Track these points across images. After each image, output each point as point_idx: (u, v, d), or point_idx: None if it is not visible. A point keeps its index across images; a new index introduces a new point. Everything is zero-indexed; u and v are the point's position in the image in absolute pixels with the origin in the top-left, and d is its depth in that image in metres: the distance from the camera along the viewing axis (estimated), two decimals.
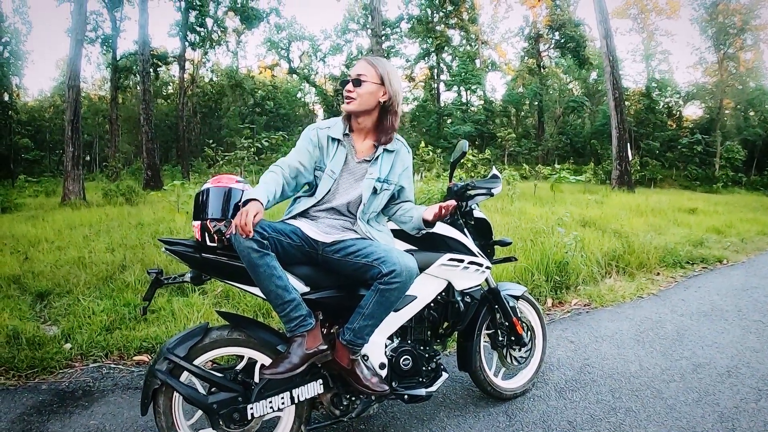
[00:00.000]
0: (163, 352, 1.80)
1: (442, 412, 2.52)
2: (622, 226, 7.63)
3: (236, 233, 1.66)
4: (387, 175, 2.09)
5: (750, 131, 27.30)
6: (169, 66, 32.68)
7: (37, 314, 3.69)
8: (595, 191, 15.23)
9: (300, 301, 1.80)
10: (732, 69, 29.76)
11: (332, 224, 2.03)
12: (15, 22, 30.45)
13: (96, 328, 3.33)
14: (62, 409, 2.49)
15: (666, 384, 2.80)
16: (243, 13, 28.06)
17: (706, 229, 8.40)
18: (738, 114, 29.96)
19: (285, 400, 1.88)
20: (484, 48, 37.56)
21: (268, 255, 1.71)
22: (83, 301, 3.79)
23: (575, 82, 37.78)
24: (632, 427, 2.34)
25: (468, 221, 2.48)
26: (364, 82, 1.98)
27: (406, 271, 1.79)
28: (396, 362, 2.15)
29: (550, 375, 2.94)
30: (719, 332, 3.65)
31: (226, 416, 1.82)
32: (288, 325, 1.79)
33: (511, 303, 2.61)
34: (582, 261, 5.12)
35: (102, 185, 16.18)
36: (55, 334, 3.27)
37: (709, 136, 26.05)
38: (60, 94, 32.30)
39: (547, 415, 2.48)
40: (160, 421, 1.82)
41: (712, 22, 28.89)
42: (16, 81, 31.03)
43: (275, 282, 1.72)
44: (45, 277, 4.36)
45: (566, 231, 5.80)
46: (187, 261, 1.82)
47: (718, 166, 24.95)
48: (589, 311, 4.26)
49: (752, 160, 26.48)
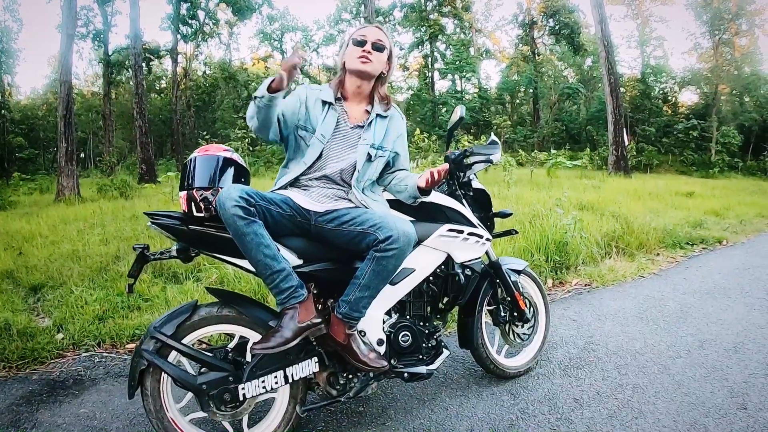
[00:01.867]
0: (150, 332, 1.72)
1: (444, 392, 2.45)
2: (620, 209, 7.56)
3: (222, 198, 1.58)
4: (381, 142, 2.04)
5: (746, 116, 27.12)
6: (161, 60, 32.26)
7: (30, 307, 3.60)
8: (592, 177, 15.14)
9: (291, 272, 1.70)
10: (727, 55, 29.58)
11: (325, 193, 1.95)
12: (5, 20, 30.23)
13: (89, 318, 3.25)
14: (52, 398, 2.42)
15: (672, 360, 2.73)
16: (235, 4, 27.65)
17: (704, 211, 8.35)
18: (733, 99, 29.79)
19: (279, 379, 1.78)
20: (478, 36, 37.30)
21: (255, 223, 1.62)
22: (76, 291, 3.70)
23: (570, 68, 37.50)
24: (640, 404, 2.28)
25: (466, 192, 2.40)
26: (384, 49, 2.02)
27: (404, 237, 1.71)
28: (395, 338, 2.07)
29: (553, 353, 2.88)
30: (723, 309, 3.59)
31: (216, 397, 1.72)
32: (279, 297, 1.69)
33: (512, 278, 2.54)
34: (581, 242, 5.05)
35: (96, 180, 16.01)
36: (47, 326, 3.20)
37: (705, 121, 25.90)
38: (53, 91, 31.91)
39: (553, 392, 2.42)
40: (147, 404, 1.72)
41: (707, 8, 28.66)
42: (8, 79, 30.63)
43: (263, 251, 1.63)
44: (38, 270, 4.27)
45: (565, 212, 5.73)
46: (173, 234, 1.73)
47: (714, 151, 24.83)
48: (590, 291, 4.20)
49: (748, 145, 26.38)
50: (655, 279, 4.51)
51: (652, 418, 2.15)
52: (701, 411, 2.20)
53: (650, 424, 2.10)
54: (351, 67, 2.00)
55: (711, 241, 6.15)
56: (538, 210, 6.43)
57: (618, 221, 6.30)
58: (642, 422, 2.12)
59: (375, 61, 1.98)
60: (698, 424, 2.09)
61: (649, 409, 2.22)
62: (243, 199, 1.60)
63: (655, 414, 2.18)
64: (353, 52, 1.98)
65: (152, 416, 1.72)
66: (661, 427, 2.08)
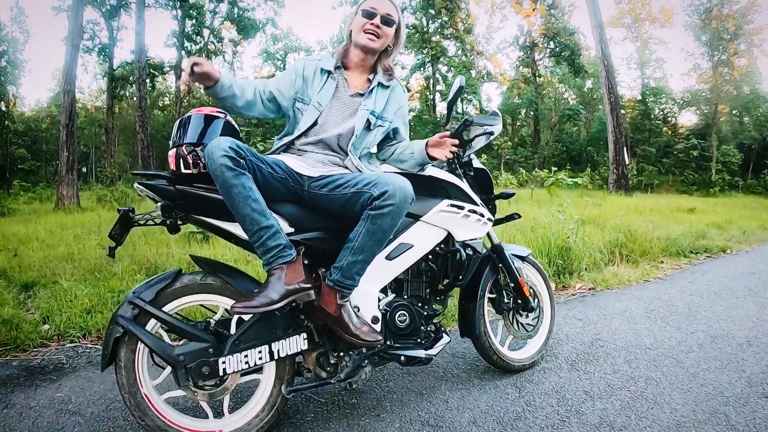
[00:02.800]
0: (128, 297, 1.58)
1: (444, 385, 2.30)
2: (621, 221, 7.47)
3: (210, 148, 1.49)
4: (382, 111, 1.95)
5: (746, 135, 27.29)
6: (165, 76, 32.54)
7: (20, 303, 3.48)
8: (593, 195, 15.10)
9: (279, 229, 1.58)
10: (726, 75, 29.86)
11: (320, 159, 1.84)
12: (13, 31, 30.42)
13: (77, 311, 3.14)
14: (28, 382, 2.30)
15: (685, 354, 2.60)
16: (239, 23, 27.99)
17: (707, 224, 8.26)
18: (733, 119, 30.00)
19: (263, 355, 1.64)
20: (480, 58, 37.62)
21: (243, 175, 1.51)
22: (65, 285, 3.58)
23: (570, 90, 37.78)
24: (655, 395, 2.14)
25: (467, 172, 2.29)
26: (393, 24, 1.92)
27: (401, 192, 1.59)
28: (391, 318, 1.94)
29: (559, 349, 2.74)
30: (732, 308, 3.47)
31: (194, 370, 1.56)
32: (265, 256, 1.56)
33: (516, 263, 2.41)
34: (584, 248, 4.93)
35: (96, 191, 15.91)
36: (34, 318, 3.08)
37: (705, 141, 26.02)
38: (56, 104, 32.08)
39: (561, 386, 2.27)
40: (120, 376, 1.58)
41: (705, 29, 29.03)
42: (13, 90, 30.82)
43: (251, 205, 1.51)
44: (32, 269, 4.19)
45: (567, 218, 5.62)
46: (160, 194, 1.60)
47: (714, 170, 24.88)
48: (594, 294, 4.07)
49: (748, 164, 26.44)
50: (661, 283, 4.38)
51: (668, 408, 2.01)
52: (720, 400, 2.06)
53: (667, 414, 1.96)
54: (357, 41, 1.91)
55: (715, 250, 6.05)
56: (539, 220, 6.34)
57: (620, 230, 6.20)
58: (658, 412, 1.98)
59: (382, 36, 1.90)
60: (718, 413, 1.95)
61: (665, 400, 2.08)
62: (232, 150, 1.49)
63: (671, 404, 2.04)
64: (360, 23, 1.89)
65: (125, 391, 1.57)
66: (679, 417, 1.93)
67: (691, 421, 1.90)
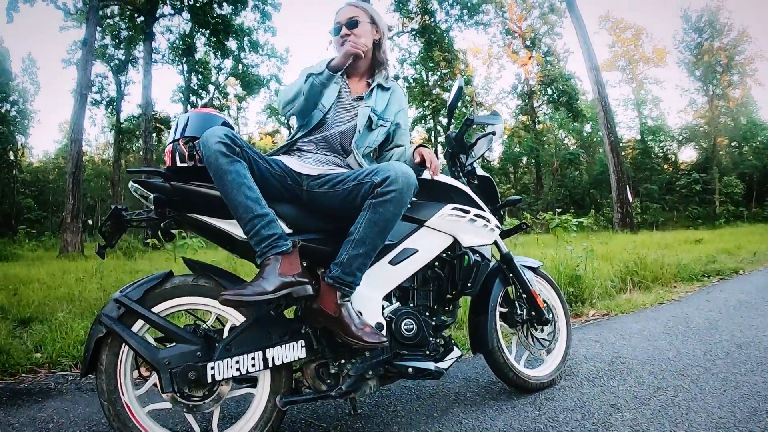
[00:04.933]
0: (114, 296, 1.48)
1: (456, 407, 2.12)
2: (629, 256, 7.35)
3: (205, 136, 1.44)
4: (383, 112, 1.97)
5: (746, 164, 27.37)
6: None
7: (16, 336, 3.35)
8: (599, 235, 14.99)
9: (274, 218, 1.49)
10: (722, 108, 30.37)
11: (320, 159, 1.82)
12: (23, 82, 31.34)
13: (70, 341, 3.02)
14: (11, 402, 2.21)
15: (712, 362, 2.45)
16: (244, 78, 28.66)
17: (716, 251, 8.12)
18: (732, 150, 30.26)
19: (256, 361, 1.50)
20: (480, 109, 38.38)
21: (238, 162, 1.45)
22: (61, 317, 3.46)
23: (570, 135, 38.31)
24: (688, 401, 1.98)
25: (471, 181, 2.22)
26: (360, 22, 1.94)
27: (403, 177, 1.51)
28: (396, 326, 1.80)
29: (578, 368, 2.56)
30: (754, 317, 3.35)
31: (179, 375, 1.43)
32: (259, 246, 1.46)
33: (527, 274, 2.29)
34: (594, 277, 4.79)
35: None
36: (26, 347, 2.97)
37: (707, 174, 26.11)
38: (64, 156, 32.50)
39: (584, 401, 2.10)
40: (100, 382, 1.44)
41: (698, 64, 29.77)
42: (22, 140, 31.34)
43: (245, 192, 1.43)
44: (31, 306, 4.09)
45: (574, 248, 5.50)
46: (154, 191, 1.52)
47: (718, 202, 24.83)
48: (609, 318, 3.90)
49: (751, 193, 26.37)
50: (677, 304, 4.23)
51: (703, 412, 1.85)
52: (758, 399, 1.93)
53: (703, 418, 1.80)
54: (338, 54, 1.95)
55: (727, 272, 5.91)
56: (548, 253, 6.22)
57: (630, 258, 6.06)
58: (694, 417, 1.82)
59: (358, 38, 1.92)
60: (759, 411, 1.81)
61: (699, 405, 1.93)
62: (228, 137, 1.45)
63: (706, 409, 1.89)
64: (336, 41, 1.97)
65: (104, 398, 1.43)
66: (717, 419, 1.79)
67: (731, 422, 1.75)
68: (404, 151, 2.03)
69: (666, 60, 34.07)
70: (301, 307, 1.63)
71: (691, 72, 30.64)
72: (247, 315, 1.59)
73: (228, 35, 22.90)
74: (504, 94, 38.32)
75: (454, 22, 25.77)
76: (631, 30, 34.84)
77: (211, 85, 29.33)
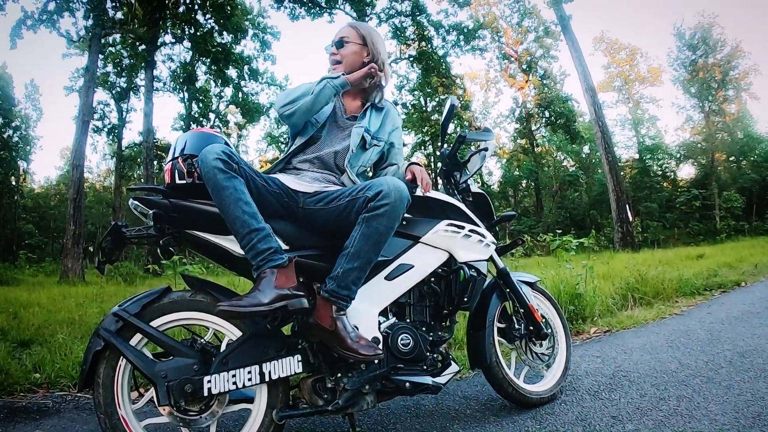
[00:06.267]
0: (112, 310, 1.49)
1: (456, 424, 2.10)
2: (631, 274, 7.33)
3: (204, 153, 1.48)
4: (377, 132, 2.00)
5: (745, 178, 27.34)
6: None
7: (15, 358, 3.34)
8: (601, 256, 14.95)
9: (270, 233, 1.52)
10: (719, 123, 30.52)
11: (315, 177, 1.85)
12: (26, 108, 31.59)
13: (70, 362, 3.00)
14: (8, 419, 2.20)
15: (715, 371, 2.44)
16: (244, 106, 28.94)
17: (717, 265, 8.09)
18: (731, 165, 30.31)
19: (253, 375, 1.51)
20: None
21: (236, 178, 1.49)
22: (60, 339, 3.47)
23: (568, 157, 38.49)
24: (690, 410, 1.98)
25: (466, 197, 2.25)
26: (347, 43, 1.99)
27: (395, 191, 1.54)
28: (393, 341, 1.80)
29: (578, 383, 2.54)
30: (757, 327, 3.34)
31: (176, 388, 1.44)
32: (255, 259, 1.48)
33: (524, 289, 2.30)
34: (595, 294, 4.77)
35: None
36: (25, 367, 2.95)
37: (706, 190, 26.11)
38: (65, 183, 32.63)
39: (585, 414, 2.08)
40: (97, 395, 1.44)
41: (693, 81, 29.99)
42: (24, 166, 31.56)
43: (242, 207, 1.46)
44: (30, 329, 4.11)
45: (574, 266, 5.49)
46: (153, 207, 1.54)
47: (718, 218, 24.75)
48: (610, 334, 3.87)
49: (751, 207, 26.28)
50: (678, 318, 4.20)
51: (707, 420, 1.85)
52: (762, 405, 1.92)
53: (707, 426, 1.81)
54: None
55: (729, 285, 5.89)
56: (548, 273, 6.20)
57: (631, 274, 6.04)
58: (697, 425, 1.83)
59: (343, 58, 1.99)
60: (763, 416, 1.81)
61: (702, 413, 1.92)
62: (225, 154, 1.49)
63: (709, 416, 1.88)
64: (330, 63, 2.03)
65: (100, 411, 1.44)
66: (721, 426, 1.79)
67: (735, 428, 1.75)
68: (398, 169, 2.06)
69: (661, 78, 34.38)
70: (298, 321, 1.64)
71: (687, 89, 30.92)
72: (244, 329, 1.60)
73: (228, 64, 23.20)
74: (502, 117, 38.72)
75: (451, 47, 26.05)
76: (626, 50, 35.24)
77: (211, 113, 29.61)
